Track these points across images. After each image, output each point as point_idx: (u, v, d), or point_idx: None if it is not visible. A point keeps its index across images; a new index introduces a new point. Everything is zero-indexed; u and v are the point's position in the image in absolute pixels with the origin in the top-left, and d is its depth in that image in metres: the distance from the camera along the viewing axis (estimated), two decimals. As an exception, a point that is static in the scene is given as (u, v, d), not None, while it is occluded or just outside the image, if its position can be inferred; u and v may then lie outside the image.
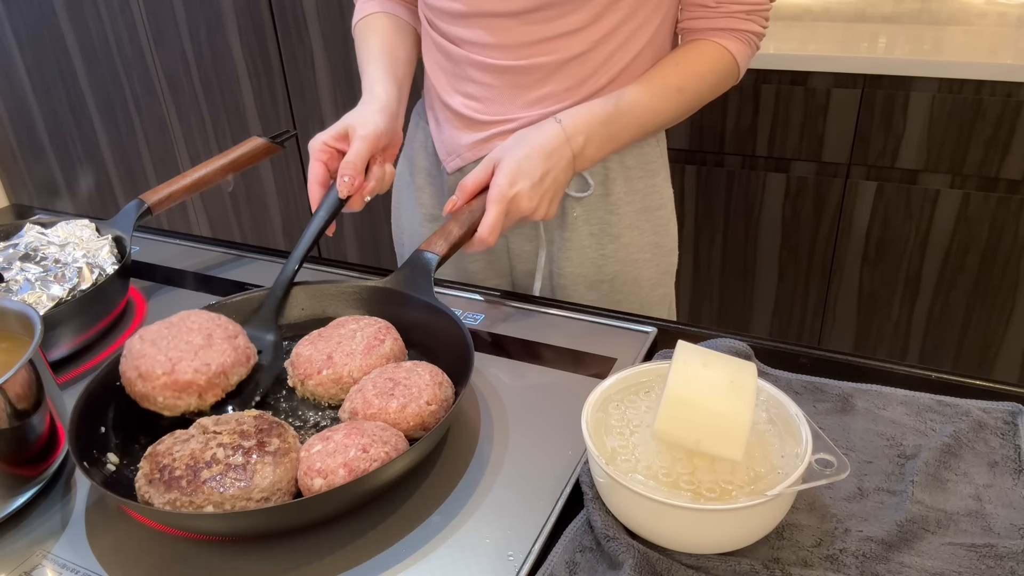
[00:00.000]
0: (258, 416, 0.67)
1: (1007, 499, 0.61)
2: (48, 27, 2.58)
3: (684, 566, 0.57)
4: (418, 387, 0.68)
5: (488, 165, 0.87)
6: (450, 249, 0.83)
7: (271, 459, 0.61)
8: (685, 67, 0.93)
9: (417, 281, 0.81)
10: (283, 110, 2.37)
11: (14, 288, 0.86)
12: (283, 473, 0.61)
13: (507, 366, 0.81)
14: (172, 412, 0.71)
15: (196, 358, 0.70)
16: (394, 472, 0.61)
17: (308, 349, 0.75)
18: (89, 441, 0.66)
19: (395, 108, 0.94)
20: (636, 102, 0.91)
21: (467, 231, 0.84)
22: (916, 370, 0.76)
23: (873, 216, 1.88)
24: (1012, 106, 1.66)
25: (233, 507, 0.59)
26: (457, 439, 0.72)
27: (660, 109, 0.93)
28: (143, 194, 1.01)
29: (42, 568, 0.61)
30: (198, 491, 0.59)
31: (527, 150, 0.86)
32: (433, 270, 0.81)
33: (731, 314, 2.15)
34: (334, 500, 0.60)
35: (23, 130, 2.85)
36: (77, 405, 0.67)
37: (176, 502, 0.59)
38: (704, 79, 0.93)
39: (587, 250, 1.02)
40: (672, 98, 0.93)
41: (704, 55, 0.93)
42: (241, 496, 0.59)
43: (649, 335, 0.85)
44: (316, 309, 0.84)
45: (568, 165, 0.88)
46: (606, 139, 0.91)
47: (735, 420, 0.57)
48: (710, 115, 1.93)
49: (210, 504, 0.59)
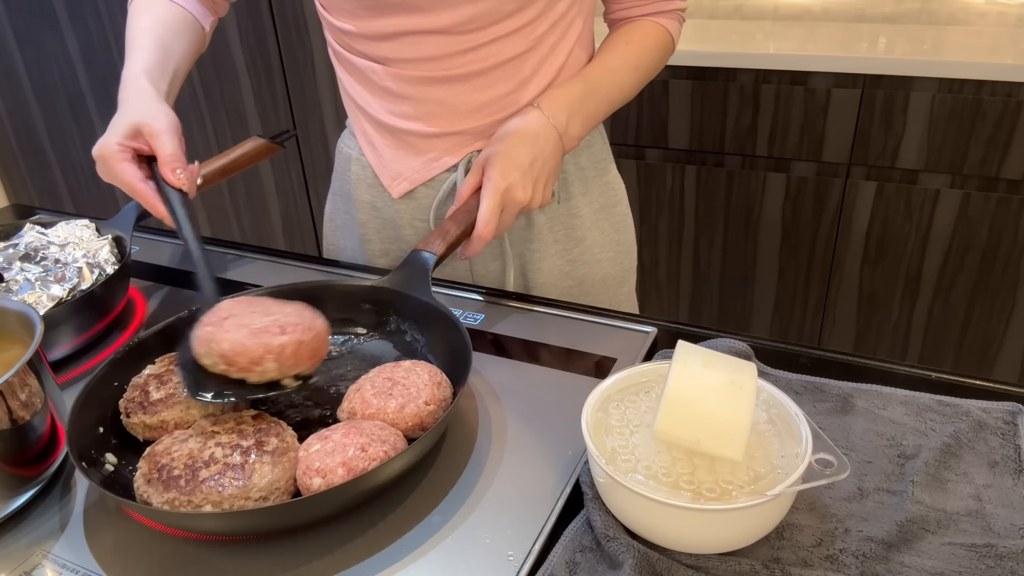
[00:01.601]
0: (256, 416, 0.67)
1: (1007, 499, 0.61)
2: (48, 27, 2.58)
3: (684, 566, 0.57)
4: (416, 387, 0.68)
5: (478, 167, 0.87)
6: (448, 248, 0.83)
7: (269, 458, 0.61)
8: (635, 45, 0.96)
9: (414, 281, 0.81)
10: (283, 110, 2.37)
11: (14, 288, 0.86)
12: (281, 472, 0.61)
13: (507, 366, 0.81)
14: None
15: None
16: (392, 471, 0.61)
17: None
18: (88, 441, 0.66)
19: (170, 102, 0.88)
20: (602, 79, 0.94)
21: (465, 230, 0.84)
22: (916, 370, 0.76)
23: (873, 216, 1.88)
24: (1012, 106, 1.66)
25: (231, 506, 0.59)
26: (457, 439, 0.72)
27: (623, 85, 0.95)
28: (143, 194, 1.01)
29: (42, 568, 0.61)
30: (196, 490, 0.59)
31: (511, 140, 0.86)
32: (431, 270, 0.81)
33: (731, 314, 2.15)
34: (333, 499, 0.60)
35: (23, 130, 2.85)
36: (75, 405, 0.67)
37: (175, 501, 0.59)
38: (652, 55, 0.97)
39: (554, 258, 1.02)
40: (631, 74, 0.96)
41: (648, 33, 0.97)
42: (239, 495, 0.59)
43: (649, 335, 0.84)
44: None
45: (556, 146, 0.89)
46: (587, 116, 0.92)
47: (735, 420, 0.57)
48: (710, 115, 1.93)
49: (208, 503, 0.59)
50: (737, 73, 1.87)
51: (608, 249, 1.05)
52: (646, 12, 0.97)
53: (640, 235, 2.12)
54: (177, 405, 0.69)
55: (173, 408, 0.69)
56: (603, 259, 1.04)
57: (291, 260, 1.05)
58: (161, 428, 0.69)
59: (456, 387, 0.71)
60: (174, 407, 0.69)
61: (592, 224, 1.02)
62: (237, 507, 0.59)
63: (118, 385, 0.73)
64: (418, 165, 0.96)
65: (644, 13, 0.97)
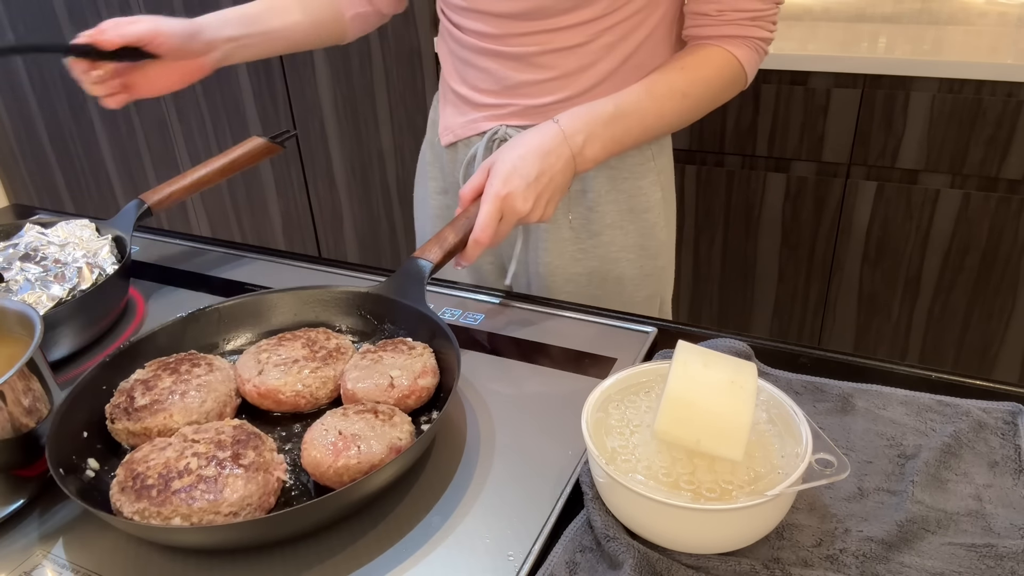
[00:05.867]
0: (237, 426, 0.65)
1: (1007, 499, 0.61)
2: (48, 27, 2.58)
3: (684, 566, 0.57)
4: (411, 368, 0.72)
5: (483, 170, 0.86)
6: (445, 256, 0.83)
7: (243, 472, 0.60)
8: (690, 72, 0.91)
9: (409, 288, 0.80)
10: (283, 110, 2.37)
11: (14, 288, 0.86)
12: (254, 488, 0.60)
13: (507, 366, 0.81)
14: None
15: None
16: (368, 489, 0.61)
17: None
18: (71, 446, 0.66)
19: (204, 32, 0.95)
20: (639, 105, 0.90)
21: (463, 238, 0.83)
22: (916, 370, 0.76)
23: (873, 216, 1.88)
24: (1012, 106, 1.66)
25: (200, 520, 0.58)
26: (456, 439, 0.72)
27: (664, 113, 0.91)
28: (143, 194, 1.01)
29: (42, 568, 0.61)
30: (167, 502, 0.58)
31: (522, 151, 0.85)
32: (426, 277, 0.80)
33: (731, 314, 2.15)
34: (308, 516, 0.59)
35: (23, 130, 2.85)
36: (61, 409, 0.66)
37: (144, 512, 0.58)
38: (710, 84, 0.92)
39: (565, 243, 1.03)
40: (677, 102, 0.91)
41: (709, 60, 0.92)
42: (209, 510, 0.58)
43: (649, 335, 0.84)
44: (308, 314, 0.84)
45: (567, 165, 0.86)
46: (609, 140, 0.89)
47: (735, 420, 0.57)
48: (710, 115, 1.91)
49: (178, 516, 0.58)
50: (737, 73, 1.87)
51: (629, 251, 1.04)
52: (720, 34, 0.91)
53: (640, 235, 2.12)
54: (160, 413, 0.68)
55: (156, 416, 0.68)
56: (621, 259, 1.04)
57: (291, 260, 1.05)
58: (144, 435, 0.68)
59: (446, 397, 0.71)
60: (157, 415, 0.68)
61: (614, 222, 1.02)
62: (206, 522, 0.58)
63: (106, 389, 0.72)
64: (463, 122, 1.04)
65: (717, 35, 0.91)
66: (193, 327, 0.80)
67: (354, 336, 0.83)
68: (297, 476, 0.66)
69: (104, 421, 0.70)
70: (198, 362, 0.73)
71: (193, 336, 0.80)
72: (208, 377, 0.72)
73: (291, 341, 0.77)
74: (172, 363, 0.73)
